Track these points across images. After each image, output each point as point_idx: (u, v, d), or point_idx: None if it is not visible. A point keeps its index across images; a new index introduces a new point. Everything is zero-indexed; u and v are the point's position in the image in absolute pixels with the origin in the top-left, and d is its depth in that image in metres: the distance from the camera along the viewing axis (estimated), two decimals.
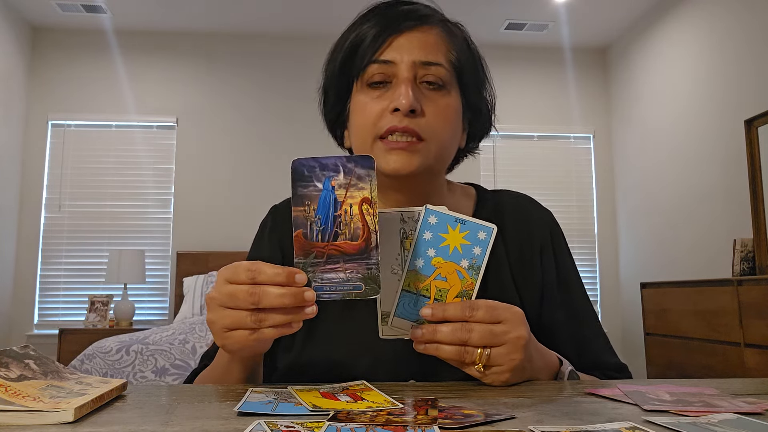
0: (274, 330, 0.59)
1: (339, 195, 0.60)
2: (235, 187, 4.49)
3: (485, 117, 0.87)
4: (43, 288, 4.32)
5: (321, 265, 0.60)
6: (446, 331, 0.64)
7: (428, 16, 0.80)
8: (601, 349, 0.85)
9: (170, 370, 2.58)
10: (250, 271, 0.59)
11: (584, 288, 0.89)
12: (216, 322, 0.61)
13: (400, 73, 0.76)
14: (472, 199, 0.90)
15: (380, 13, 0.80)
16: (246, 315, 0.59)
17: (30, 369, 0.58)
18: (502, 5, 4.20)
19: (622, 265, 4.65)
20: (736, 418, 0.50)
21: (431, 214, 0.67)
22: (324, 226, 0.60)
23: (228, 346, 0.63)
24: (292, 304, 0.58)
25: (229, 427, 0.48)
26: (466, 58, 0.82)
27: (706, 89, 3.67)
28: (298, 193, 0.60)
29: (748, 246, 3.07)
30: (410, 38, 0.78)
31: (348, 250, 0.60)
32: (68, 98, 4.47)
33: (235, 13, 4.32)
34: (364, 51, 0.78)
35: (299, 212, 0.60)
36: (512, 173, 4.70)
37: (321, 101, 0.87)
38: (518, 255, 0.84)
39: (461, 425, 0.47)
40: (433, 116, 0.76)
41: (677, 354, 3.06)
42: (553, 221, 0.90)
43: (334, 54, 0.83)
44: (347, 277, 0.60)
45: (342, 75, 0.81)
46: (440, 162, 0.80)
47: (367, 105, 0.78)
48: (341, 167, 0.60)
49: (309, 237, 0.60)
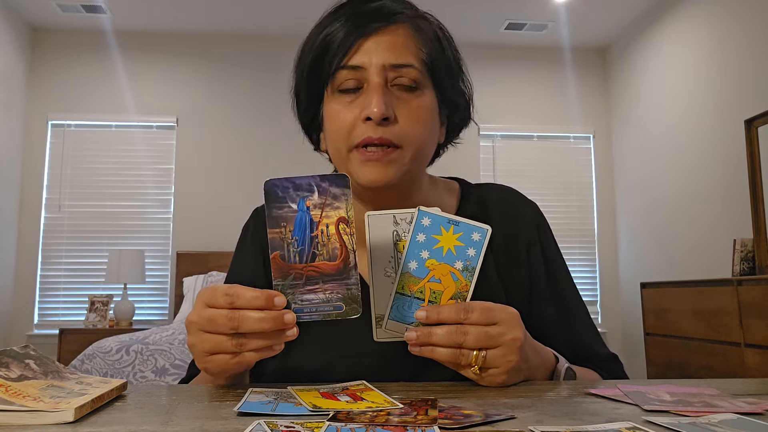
0: (256, 354, 0.60)
1: (314, 215, 0.60)
2: (235, 187, 4.49)
3: (463, 109, 0.86)
4: (43, 288, 4.32)
5: (300, 286, 0.60)
6: (441, 333, 0.63)
7: (396, 14, 0.78)
8: (592, 341, 0.85)
9: (170, 370, 2.58)
10: (228, 296, 0.59)
11: (573, 281, 0.88)
12: (196, 345, 0.61)
13: (371, 78, 0.75)
14: (456, 194, 0.89)
15: (347, 12, 0.78)
16: (226, 339, 0.59)
17: (30, 369, 0.58)
18: (502, 5, 4.20)
19: (622, 265, 4.65)
20: (737, 419, 0.50)
21: (424, 215, 0.66)
22: (301, 247, 0.60)
23: (210, 369, 0.63)
24: (272, 327, 0.58)
25: (229, 427, 0.48)
26: (437, 54, 0.79)
27: (706, 89, 3.67)
28: (272, 215, 0.59)
29: (748, 246, 3.07)
30: (378, 41, 0.76)
31: (327, 271, 0.60)
32: (68, 98, 4.47)
33: (235, 13, 4.32)
34: (332, 56, 0.76)
35: (275, 234, 0.59)
36: (512, 173, 4.70)
37: (293, 104, 0.86)
38: (504, 251, 0.84)
39: (461, 425, 0.47)
40: (406, 121, 0.75)
41: (677, 354, 3.05)
42: (539, 214, 0.89)
43: (302, 56, 0.81)
44: (327, 297, 0.60)
45: (311, 79, 0.80)
46: (417, 164, 0.79)
47: (339, 113, 0.77)
48: (315, 187, 0.60)
49: (286, 258, 0.60)
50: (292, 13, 4.32)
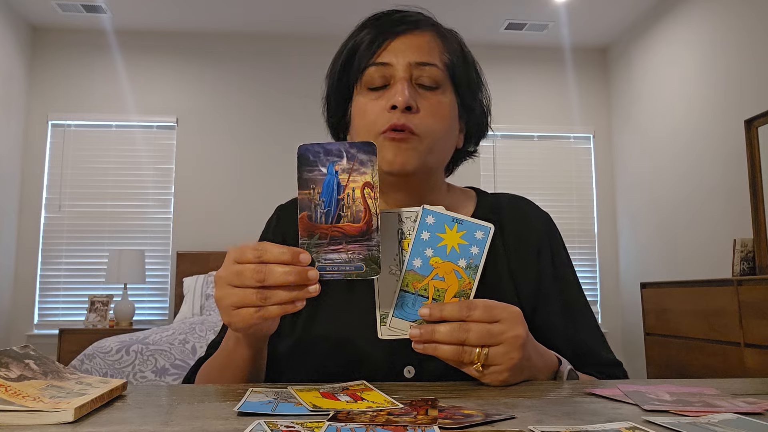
0: (279, 308, 0.61)
1: (342, 179, 0.62)
2: (235, 187, 4.49)
3: (481, 118, 0.90)
4: (43, 288, 4.32)
5: (324, 246, 0.62)
6: (444, 331, 0.65)
7: (422, 21, 0.84)
8: (597, 345, 0.86)
9: (170, 370, 2.58)
10: (256, 250, 0.61)
11: (581, 286, 0.90)
12: (223, 299, 0.63)
13: (397, 73, 0.80)
14: (472, 201, 0.92)
15: (375, 22, 0.84)
16: (252, 293, 0.61)
17: (30, 369, 0.58)
18: (502, 5, 4.20)
19: (622, 265, 4.65)
20: (736, 418, 0.50)
21: (429, 214, 0.67)
22: (328, 208, 0.62)
23: (234, 323, 0.64)
24: (297, 281, 0.60)
25: (229, 427, 0.48)
26: (459, 61, 0.85)
27: (706, 89, 3.67)
28: (303, 177, 0.62)
29: (748, 246, 3.07)
30: (405, 41, 0.82)
31: (350, 232, 0.62)
32: (68, 98, 4.47)
33: (235, 13, 4.32)
34: (362, 55, 0.82)
35: (304, 195, 0.62)
36: (512, 173, 4.70)
37: (324, 109, 0.90)
38: (516, 248, 0.86)
39: (461, 425, 0.47)
40: (427, 113, 0.80)
41: (677, 354, 3.05)
42: (551, 223, 0.92)
43: (334, 63, 0.87)
44: (349, 257, 0.62)
45: (341, 80, 0.85)
46: (434, 157, 0.82)
47: (367, 106, 0.81)
48: (344, 153, 0.63)
49: (313, 219, 0.62)
50: (293, 13, 4.33)
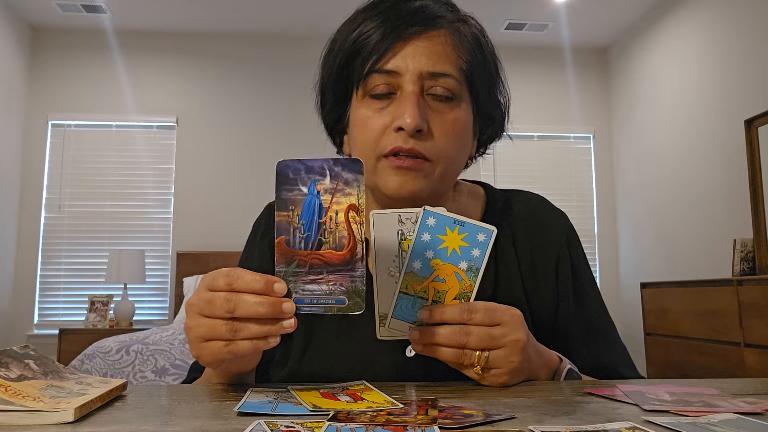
0: (249, 343, 0.56)
1: (324, 200, 0.57)
2: (235, 187, 4.49)
3: (498, 123, 0.83)
4: (43, 288, 4.32)
5: (303, 275, 0.57)
6: (444, 333, 0.63)
7: (437, 18, 0.73)
8: (618, 361, 0.81)
9: (170, 370, 2.58)
10: (228, 277, 0.57)
11: (601, 297, 0.85)
12: (192, 329, 0.59)
13: (405, 85, 0.71)
14: (481, 201, 0.86)
15: (384, 11, 0.73)
16: (221, 324, 0.56)
17: (30, 369, 0.58)
18: (502, 5, 4.20)
19: (622, 265, 4.65)
20: (736, 418, 0.50)
21: (429, 215, 0.66)
22: (308, 233, 0.57)
23: (202, 357, 0.60)
24: (269, 314, 0.55)
25: (229, 427, 0.48)
26: (477, 62, 0.75)
27: (706, 89, 3.67)
28: (282, 197, 0.57)
29: (748, 246, 3.07)
30: (416, 46, 0.72)
31: (332, 260, 0.57)
32: (68, 98, 4.47)
33: (235, 13, 4.32)
34: (365, 58, 0.72)
35: (282, 217, 0.57)
36: (512, 173, 4.70)
37: (318, 101, 0.82)
38: (530, 264, 0.81)
39: (461, 425, 0.47)
40: (440, 135, 0.72)
41: (677, 354, 3.05)
42: (569, 225, 0.85)
43: (331, 53, 0.77)
44: (330, 289, 0.56)
45: (340, 79, 0.76)
46: (446, 181, 0.76)
47: (369, 120, 0.73)
48: (328, 171, 0.57)
49: (291, 244, 0.57)
50: (293, 13, 4.33)
